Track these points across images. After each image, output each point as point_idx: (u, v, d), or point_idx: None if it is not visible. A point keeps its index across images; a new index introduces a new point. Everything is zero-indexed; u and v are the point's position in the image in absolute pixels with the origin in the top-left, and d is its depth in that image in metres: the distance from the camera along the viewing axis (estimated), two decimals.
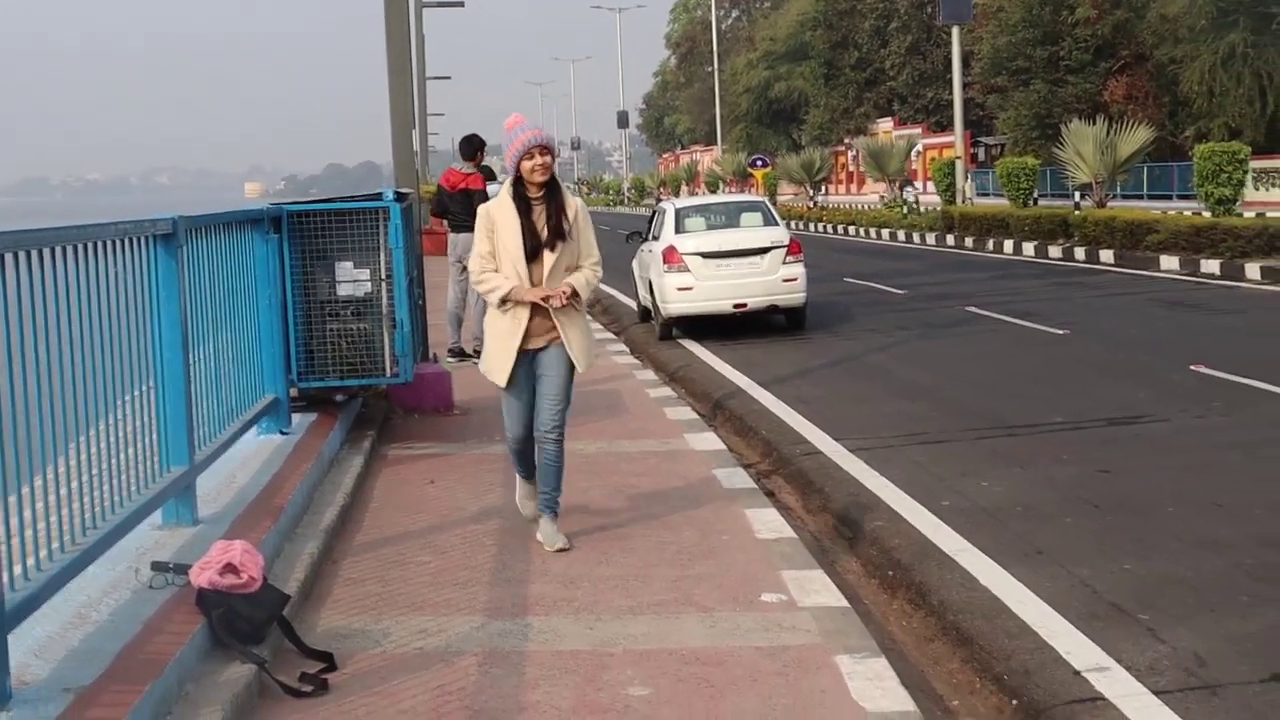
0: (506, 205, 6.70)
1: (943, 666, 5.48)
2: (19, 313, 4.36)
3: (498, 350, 6.74)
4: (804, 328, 16.19)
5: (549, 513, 6.83)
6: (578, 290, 6.68)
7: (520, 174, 6.67)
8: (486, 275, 6.70)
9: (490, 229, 6.70)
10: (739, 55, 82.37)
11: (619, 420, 10.39)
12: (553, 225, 6.66)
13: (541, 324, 6.70)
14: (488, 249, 6.70)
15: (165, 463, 5.95)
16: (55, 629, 4.72)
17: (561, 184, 6.85)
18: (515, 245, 6.62)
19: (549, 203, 6.70)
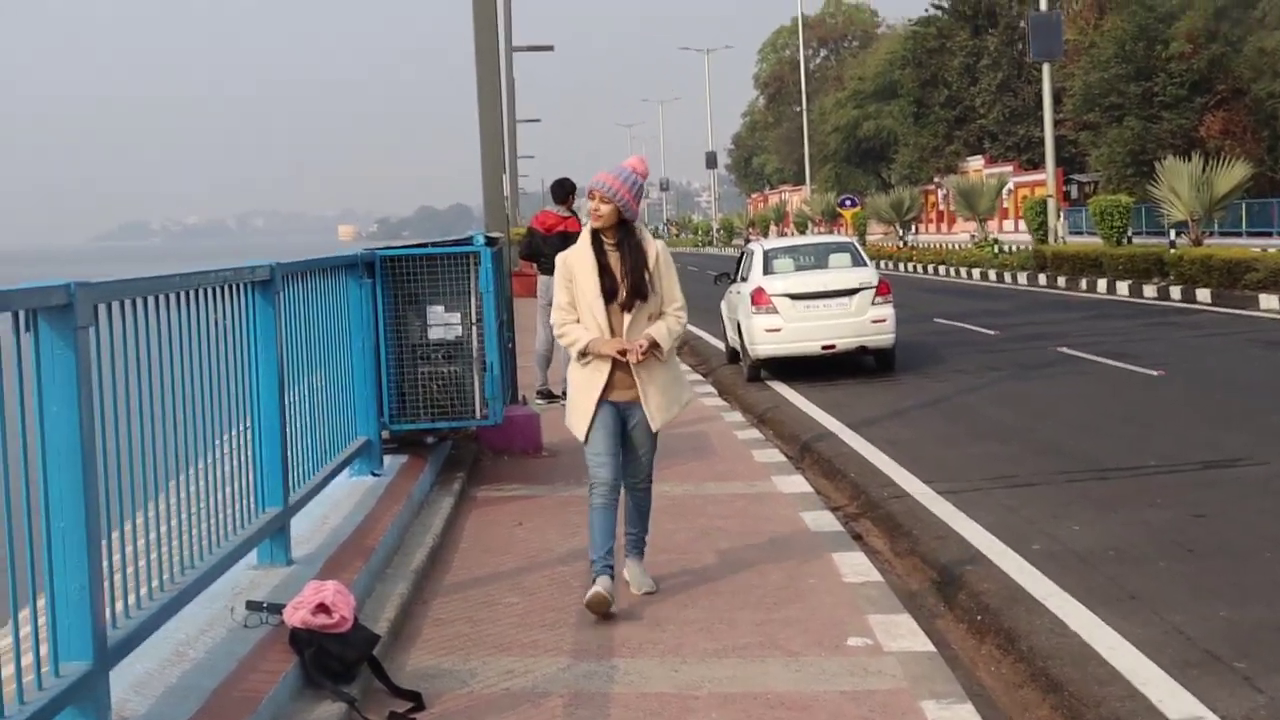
0: (584, 252, 6.53)
1: (1031, 714, 5.43)
2: (124, 357, 4.51)
3: (578, 403, 6.59)
4: (893, 369, 16.12)
5: (636, 554, 6.81)
6: (658, 341, 6.45)
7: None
8: (567, 327, 6.56)
9: (569, 278, 6.54)
10: (828, 94, 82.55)
11: (706, 462, 10.42)
12: (631, 275, 6.44)
13: (626, 376, 6.50)
14: (567, 299, 6.55)
15: (261, 504, 6.08)
16: (154, 666, 4.84)
17: (641, 227, 6.62)
18: (593, 293, 6.44)
19: (623, 249, 6.48)
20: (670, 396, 6.62)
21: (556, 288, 6.60)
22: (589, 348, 6.46)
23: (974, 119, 65.46)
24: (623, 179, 6.42)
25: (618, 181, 6.41)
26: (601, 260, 6.47)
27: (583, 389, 6.57)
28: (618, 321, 6.47)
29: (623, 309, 6.44)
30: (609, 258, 6.48)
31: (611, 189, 6.39)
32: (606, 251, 6.49)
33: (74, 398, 4.02)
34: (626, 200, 6.41)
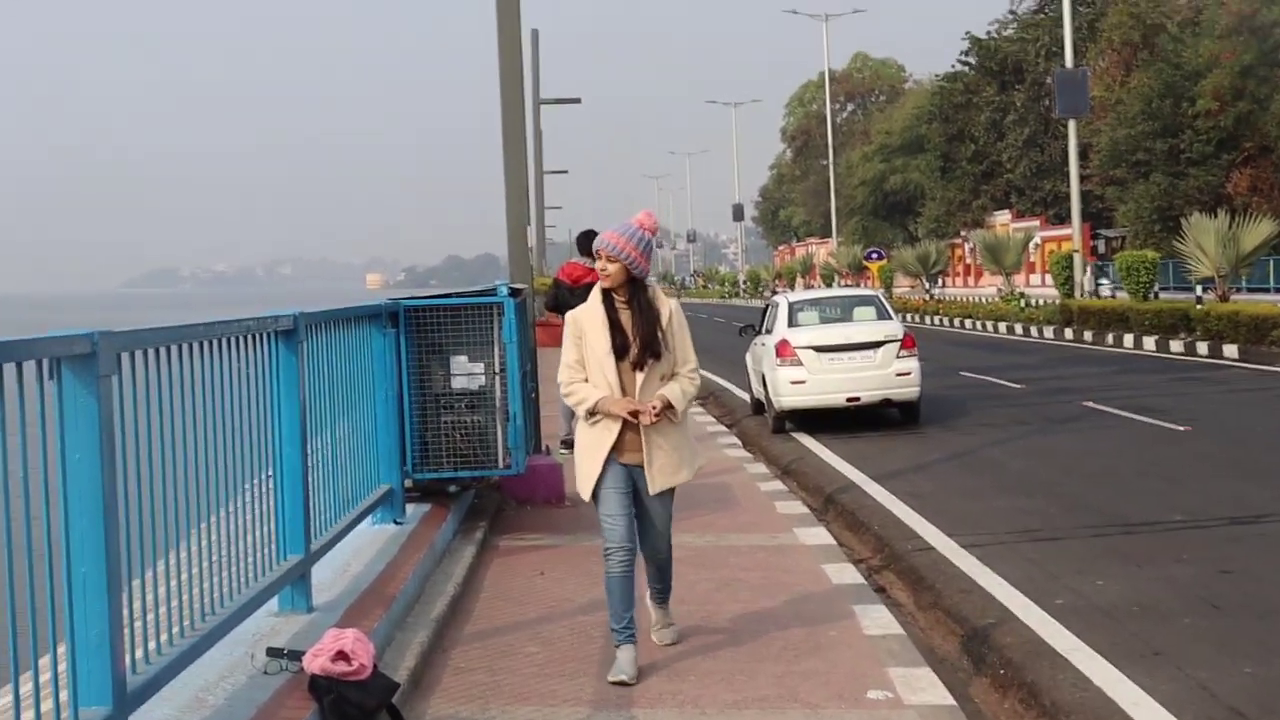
0: (595, 309, 6.29)
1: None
2: (147, 405, 4.55)
3: (583, 464, 6.33)
4: (918, 422, 16.08)
5: (659, 601, 6.72)
6: (672, 403, 6.21)
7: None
8: (575, 385, 6.31)
9: (578, 335, 6.29)
10: (854, 148, 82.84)
11: (729, 514, 10.40)
12: (644, 332, 6.21)
13: (637, 437, 6.24)
14: (575, 357, 6.31)
15: (282, 551, 6.11)
16: (173, 712, 4.85)
17: (653, 285, 6.39)
18: (604, 350, 6.21)
19: (634, 307, 6.24)
20: (679, 459, 6.35)
21: (566, 345, 6.36)
22: (598, 406, 6.23)
23: (1001, 173, 65.58)
24: (629, 236, 6.21)
25: (623, 240, 6.20)
26: (613, 317, 6.26)
27: (589, 449, 6.32)
28: (629, 380, 6.24)
29: (634, 367, 6.21)
30: (620, 315, 6.26)
31: (617, 248, 6.18)
32: (618, 309, 6.28)
33: (96, 445, 4.06)
34: (634, 258, 6.19)
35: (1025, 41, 64.44)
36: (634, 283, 6.25)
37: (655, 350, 6.21)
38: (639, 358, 6.19)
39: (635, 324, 6.23)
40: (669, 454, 6.29)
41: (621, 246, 6.18)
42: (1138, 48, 54.74)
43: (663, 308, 6.30)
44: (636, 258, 6.19)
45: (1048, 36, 60.56)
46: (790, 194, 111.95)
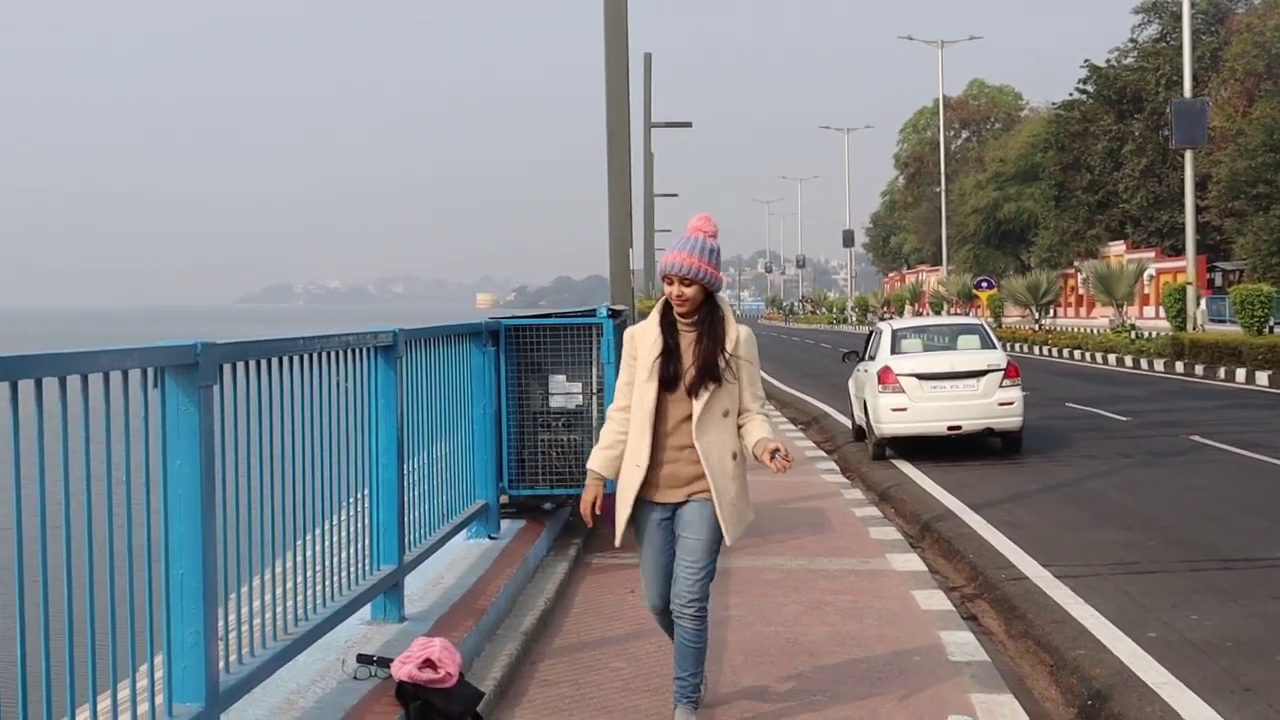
0: (651, 329, 5.56)
1: None
2: (249, 416, 4.73)
3: (618, 501, 5.59)
4: (1020, 452, 15.95)
5: (685, 703, 5.62)
6: (774, 445, 5.44)
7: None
8: (609, 419, 5.66)
9: (633, 355, 5.57)
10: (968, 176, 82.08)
11: (822, 537, 10.42)
12: (706, 357, 5.43)
13: (678, 473, 5.48)
14: (626, 379, 5.60)
15: (376, 561, 6.27)
16: (263, 713, 5.02)
17: (724, 302, 5.63)
18: (646, 376, 5.46)
19: (701, 331, 5.48)
20: (745, 505, 5.66)
21: (622, 365, 5.66)
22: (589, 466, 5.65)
23: (1116, 203, 64.58)
24: (697, 251, 5.44)
25: (693, 258, 5.42)
26: (671, 341, 5.49)
27: (621, 487, 5.58)
28: (678, 411, 5.46)
29: (689, 393, 5.43)
30: (681, 338, 5.50)
31: (690, 269, 5.41)
32: (680, 331, 5.52)
33: (196, 452, 4.24)
34: (708, 274, 5.44)
35: (1145, 70, 63.43)
36: (708, 301, 5.53)
37: (715, 374, 5.42)
38: (695, 382, 5.41)
39: (697, 348, 5.46)
40: (738, 498, 5.56)
41: (694, 266, 5.42)
42: (1261, 78, 53.70)
43: (730, 329, 5.51)
44: (711, 273, 5.46)
45: (1168, 65, 59.58)
46: (902, 220, 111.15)
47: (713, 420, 5.45)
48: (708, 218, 5.55)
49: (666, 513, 5.53)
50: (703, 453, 5.42)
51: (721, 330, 5.50)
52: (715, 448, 5.44)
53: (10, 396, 3.32)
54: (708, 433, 5.43)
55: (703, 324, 5.50)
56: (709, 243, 5.50)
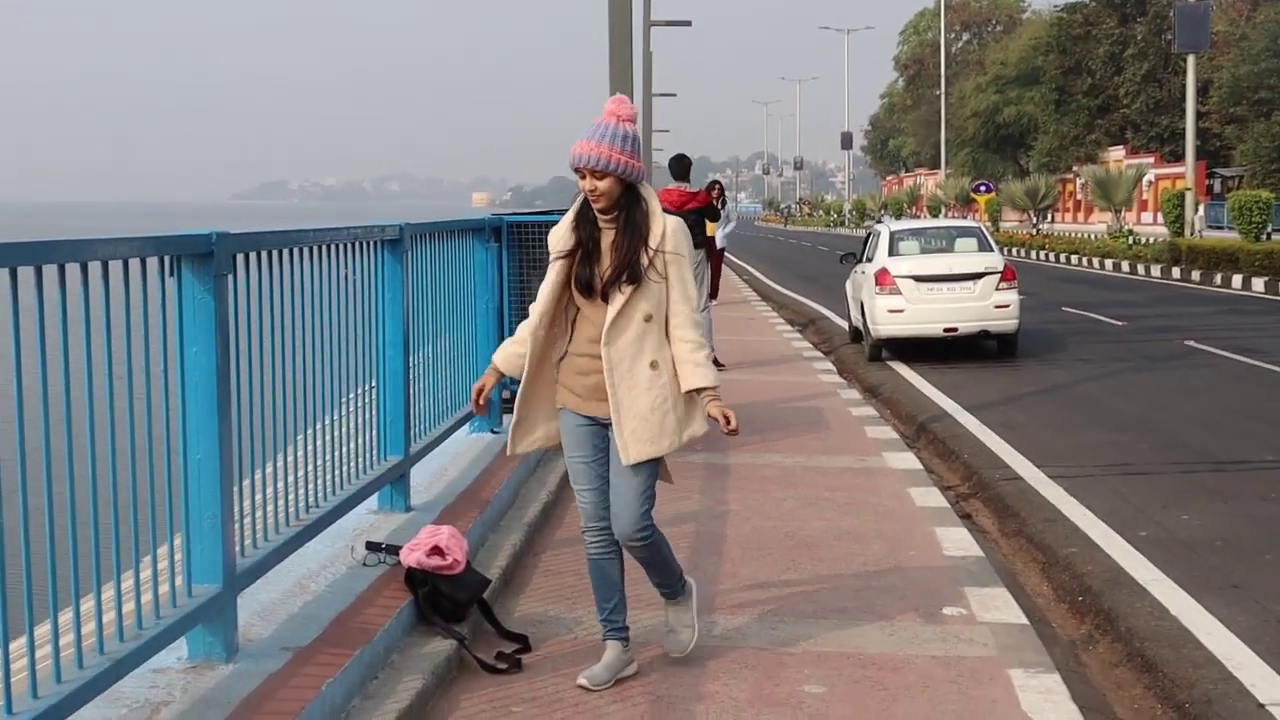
0: (565, 228, 4.99)
1: (1125, 692, 5.50)
2: (259, 308, 4.80)
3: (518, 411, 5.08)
4: (1015, 355, 16.05)
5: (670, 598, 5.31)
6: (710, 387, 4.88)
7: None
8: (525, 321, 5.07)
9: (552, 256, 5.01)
10: (968, 79, 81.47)
11: (819, 436, 10.55)
12: (624, 255, 4.82)
13: (603, 384, 4.87)
14: (549, 280, 5.00)
15: (383, 452, 6.37)
16: (277, 596, 5.14)
17: (647, 192, 4.94)
18: (556, 279, 4.93)
19: (619, 226, 4.86)
20: (659, 422, 4.86)
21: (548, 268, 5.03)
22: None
23: (1117, 108, 64.26)
24: (608, 139, 4.78)
25: (603, 146, 4.77)
26: (587, 239, 4.92)
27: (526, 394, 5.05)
28: (596, 318, 4.87)
29: (602, 297, 4.85)
30: (602, 237, 4.91)
31: (599, 159, 4.76)
32: (601, 229, 4.91)
33: (211, 339, 4.31)
34: (622, 164, 4.77)
35: None
36: (628, 194, 4.87)
37: (635, 274, 4.79)
38: (608, 282, 4.82)
39: (615, 246, 4.86)
40: (645, 416, 4.84)
41: (605, 156, 4.76)
42: None
43: (656, 222, 4.87)
44: (626, 162, 4.78)
45: None
46: (900, 124, 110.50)
47: (628, 325, 4.81)
48: (622, 100, 4.95)
49: (593, 424, 4.96)
50: (609, 361, 4.80)
51: (645, 224, 4.86)
52: (627, 356, 4.80)
53: (36, 282, 3.38)
54: (619, 338, 4.80)
55: (621, 218, 4.85)
56: (623, 128, 4.84)
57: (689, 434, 4.96)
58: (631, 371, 4.81)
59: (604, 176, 4.78)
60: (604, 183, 4.78)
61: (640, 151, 4.92)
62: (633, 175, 4.82)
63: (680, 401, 4.89)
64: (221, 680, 4.26)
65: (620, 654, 5.10)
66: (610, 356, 4.81)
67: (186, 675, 4.27)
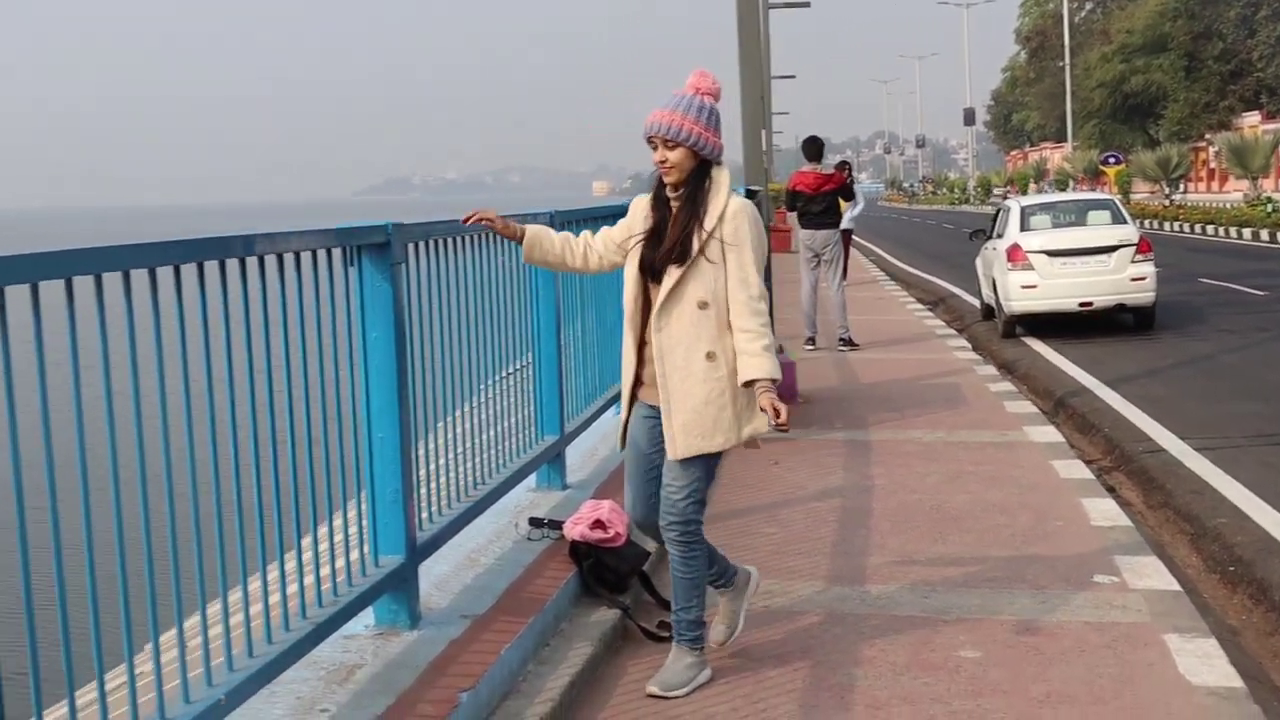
0: (643, 204, 4.82)
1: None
2: (428, 292, 5.05)
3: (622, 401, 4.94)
4: (1153, 327, 15.89)
5: (680, 642, 4.83)
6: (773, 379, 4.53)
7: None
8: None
9: (628, 224, 4.85)
10: (1093, 49, 79.85)
11: (958, 412, 10.60)
12: (673, 239, 4.60)
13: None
14: (615, 229, 4.92)
15: (540, 432, 6.62)
16: (450, 569, 5.40)
17: (720, 175, 4.67)
18: (632, 261, 4.75)
19: (682, 204, 4.64)
20: (711, 416, 4.60)
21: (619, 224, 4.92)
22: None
23: (1250, 72, 62.73)
24: (683, 108, 4.58)
25: (677, 115, 4.56)
26: (661, 218, 4.71)
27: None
28: (654, 297, 4.67)
29: (654, 279, 4.67)
30: (671, 216, 4.69)
31: (672, 127, 4.55)
32: (672, 206, 4.70)
33: (390, 324, 4.56)
34: (696, 135, 4.56)
35: None
36: (699, 170, 4.63)
37: (681, 252, 4.58)
38: (660, 263, 4.63)
39: (673, 225, 4.65)
40: (697, 409, 4.60)
41: (679, 124, 4.56)
42: None
43: (715, 201, 4.61)
44: (701, 134, 4.58)
45: None
46: (1024, 97, 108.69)
47: (681, 310, 4.58)
48: (706, 73, 4.70)
49: (655, 414, 4.73)
50: (659, 348, 4.60)
51: (705, 202, 4.60)
52: (681, 343, 4.57)
53: (241, 272, 3.64)
54: (671, 323, 4.58)
55: (684, 194, 4.64)
56: (703, 101, 4.63)
57: (749, 430, 4.68)
58: (687, 361, 4.57)
59: (675, 147, 4.57)
60: (675, 154, 4.57)
61: (719, 128, 4.68)
62: (707, 149, 4.61)
63: (740, 396, 4.61)
64: (408, 645, 4.51)
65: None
66: (661, 343, 4.60)
67: (375, 641, 4.54)
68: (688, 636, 4.80)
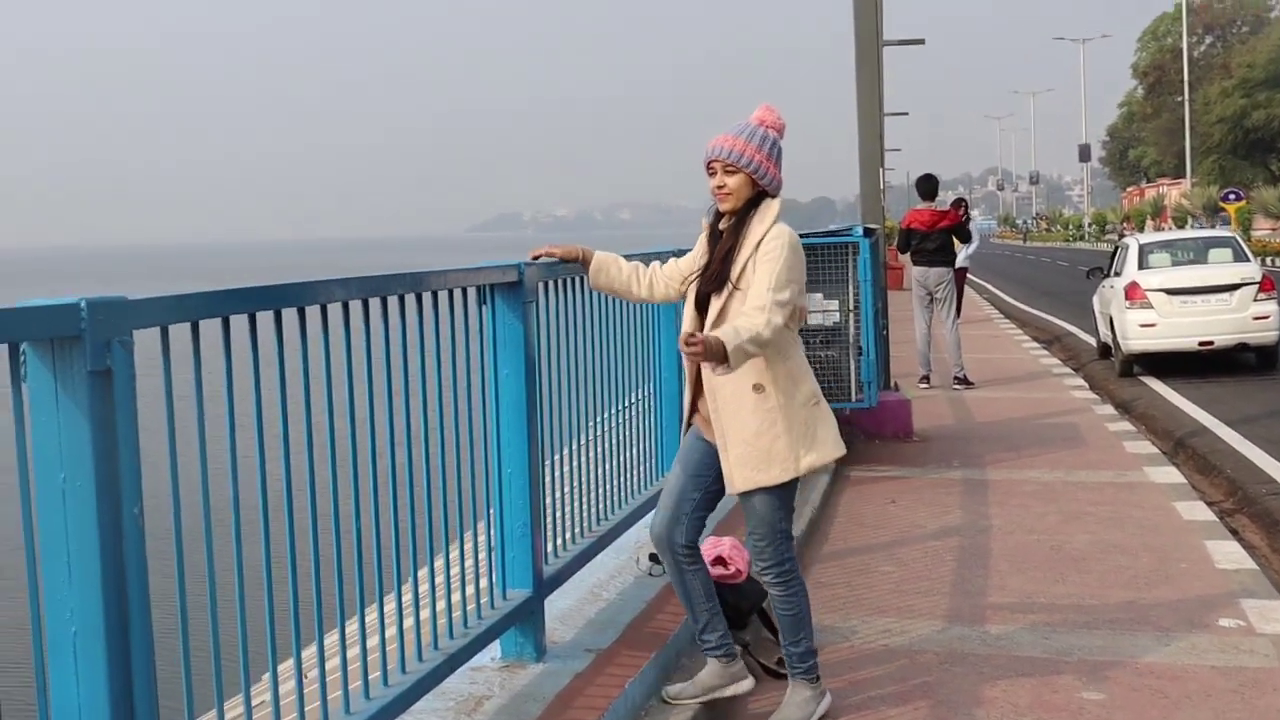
0: (699, 248, 4.82)
1: None
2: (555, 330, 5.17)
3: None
4: (1275, 367, 15.60)
5: (792, 674, 4.84)
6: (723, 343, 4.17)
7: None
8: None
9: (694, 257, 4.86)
10: (1212, 83, 78.66)
11: (1077, 451, 10.50)
12: (716, 267, 4.58)
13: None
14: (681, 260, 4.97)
15: (661, 468, 6.71)
16: (573, 603, 5.50)
17: (771, 205, 4.59)
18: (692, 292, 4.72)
19: (729, 232, 4.60)
20: (768, 448, 4.51)
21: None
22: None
23: None
24: (750, 136, 4.55)
25: (743, 142, 4.53)
26: (712, 247, 4.71)
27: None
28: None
29: (697, 309, 4.66)
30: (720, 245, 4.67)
31: (734, 152, 4.52)
32: (722, 237, 4.67)
33: (521, 361, 4.68)
34: (760, 163, 4.54)
35: None
36: (755, 201, 4.59)
37: (717, 283, 4.55)
38: (700, 291, 4.64)
39: (720, 254, 4.62)
40: (751, 440, 4.51)
41: (742, 151, 4.52)
42: None
43: (756, 231, 4.52)
44: (763, 163, 4.54)
45: None
46: (1140, 133, 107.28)
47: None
48: (772, 108, 4.67)
49: (705, 446, 4.70)
50: (709, 384, 4.57)
51: (748, 232, 4.53)
52: (729, 378, 4.46)
53: (380, 311, 3.78)
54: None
55: (732, 227, 4.59)
56: (767, 133, 4.59)
57: (808, 463, 4.55)
58: (735, 395, 4.50)
59: (736, 173, 4.52)
60: (734, 179, 4.53)
61: (780, 161, 4.63)
62: (767, 179, 4.56)
63: (797, 426, 4.52)
64: (534, 678, 4.61)
65: (716, 667, 4.88)
66: (710, 378, 4.53)
67: (502, 673, 4.64)
68: (800, 669, 4.78)
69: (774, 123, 4.62)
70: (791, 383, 4.53)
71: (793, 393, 4.53)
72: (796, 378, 4.56)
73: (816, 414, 4.59)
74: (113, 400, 2.58)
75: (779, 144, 4.63)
